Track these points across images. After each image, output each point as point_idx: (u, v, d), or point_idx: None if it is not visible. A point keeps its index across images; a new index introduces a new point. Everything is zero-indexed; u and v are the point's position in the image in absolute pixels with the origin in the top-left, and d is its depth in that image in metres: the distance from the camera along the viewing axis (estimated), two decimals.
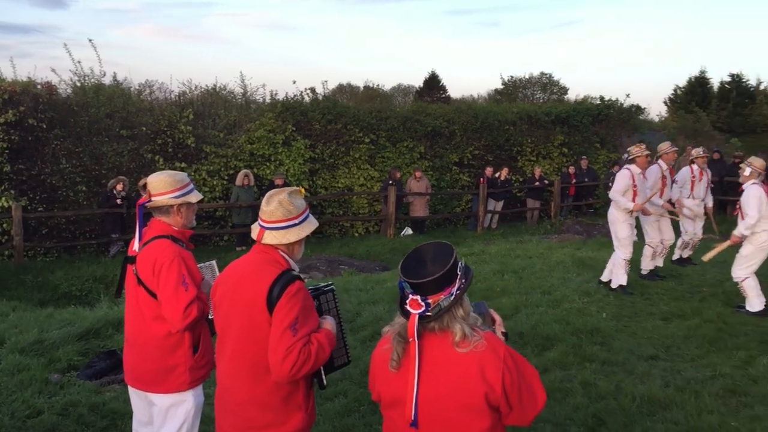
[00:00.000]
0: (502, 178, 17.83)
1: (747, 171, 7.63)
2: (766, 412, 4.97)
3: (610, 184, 16.72)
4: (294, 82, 21.98)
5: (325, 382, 2.89)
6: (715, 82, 30.25)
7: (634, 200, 8.43)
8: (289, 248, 2.88)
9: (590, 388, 5.41)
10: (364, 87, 49.65)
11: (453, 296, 2.28)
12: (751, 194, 7.54)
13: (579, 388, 5.40)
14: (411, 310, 2.28)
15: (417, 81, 53.79)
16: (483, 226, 17.24)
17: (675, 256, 10.32)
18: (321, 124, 16.47)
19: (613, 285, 8.54)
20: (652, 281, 9.02)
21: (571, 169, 18.97)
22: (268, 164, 15.67)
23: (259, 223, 2.86)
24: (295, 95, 17.26)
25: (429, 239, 16.03)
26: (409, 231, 16.57)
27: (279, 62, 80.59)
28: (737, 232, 7.71)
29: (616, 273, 8.57)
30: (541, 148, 19.85)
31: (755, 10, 76.58)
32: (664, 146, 8.88)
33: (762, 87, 29.52)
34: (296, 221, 2.84)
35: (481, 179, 17.26)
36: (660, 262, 9.48)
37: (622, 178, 8.49)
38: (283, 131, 15.80)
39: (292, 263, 2.85)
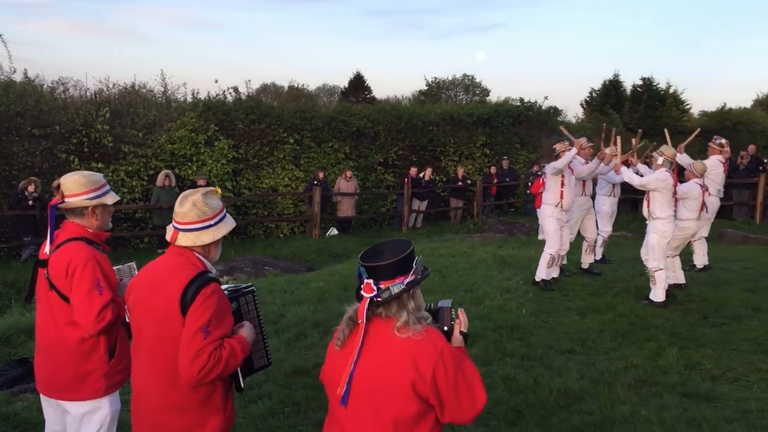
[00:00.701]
0: (426, 178, 18.06)
1: (660, 160, 7.98)
2: (674, 400, 5.22)
3: (530, 183, 17.26)
4: (216, 81, 21.56)
5: (242, 384, 2.86)
6: (628, 85, 31.45)
7: (561, 196, 8.67)
8: (205, 249, 2.84)
9: (510, 382, 5.56)
10: (289, 87, 49.23)
11: (404, 285, 2.37)
12: (657, 175, 7.92)
13: (500, 383, 5.54)
14: (363, 294, 2.39)
15: (342, 81, 53.63)
16: (408, 225, 17.42)
17: (598, 256, 10.64)
18: (244, 123, 16.27)
19: (537, 278, 8.76)
20: (570, 278, 9.31)
21: (493, 169, 19.40)
22: (189, 164, 15.35)
23: (173, 225, 2.82)
24: (217, 94, 17.02)
25: (355, 239, 16.03)
26: (334, 231, 16.56)
27: (201, 61, 78.80)
28: (625, 174, 8.18)
29: (540, 267, 8.80)
30: (463, 149, 20.21)
31: (665, 17, 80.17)
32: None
33: (671, 90, 30.89)
34: (211, 222, 2.81)
35: (406, 179, 17.42)
36: (591, 259, 9.80)
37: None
38: (206, 131, 15.51)
39: (208, 265, 2.82)
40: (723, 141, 9.78)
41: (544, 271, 8.73)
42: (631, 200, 15.76)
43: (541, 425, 4.80)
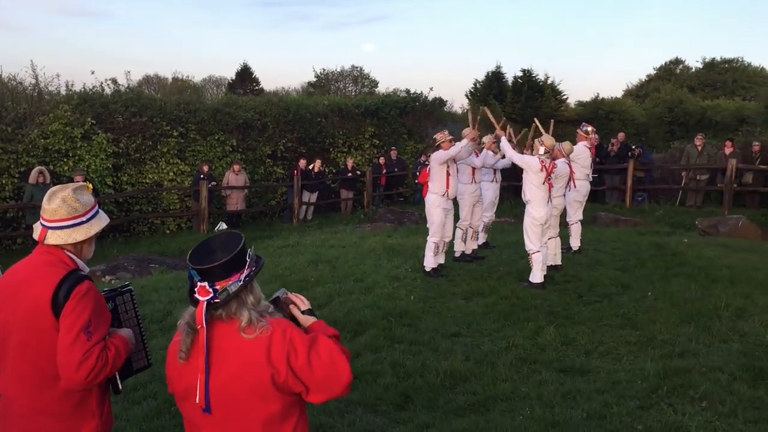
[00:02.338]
0: (316, 169, 18.04)
1: (541, 150, 8.37)
2: (552, 376, 5.51)
3: (417, 173, 17.61)
4: (93, 73, 20.62)
5: (120, 386, 2.78)
6: (509, 76, 32.57)
7: (447, 185, 8.89)
8: (77, 248, 2.70)
9: (399, 368, 5.68)
10: (173, 78, 47.75)
11: (242, 281, 2.30)
12: (527, 156, 8.35)
13: (389, 369, 5.65)
14: (199, 297, 2.27)
15: (229, 73, 52.59)
16: (298, 218, 17.34)
17: (480, 241, 10.99)
18: (124, 117, 15.62)
19: (427, 268, 8.96)
20: (456, 263, 9.59)
21: (382, 160, 19.65)
22: (65, 160, 14.58)
23: (41, 223, 2.66)
24: (94, 86, 16.26)
25: (245, 233, 15.92)
26: (223, 225, 16.25)
27: (76, 51, 74.75)
28: (503, 144, 8.69)
29: (426, 256, 8.99)
30: (352, 140, 20.33)
31: (542, 11, 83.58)
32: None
33: (549, 82, 32.27)
34: (83, 219, 2.67)
35: (295, 171, 17.33)
36: (475, 245, 10.09)
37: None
38: (82, 125, 14.78)
39: (80, 263, 2.68)
40: (589, 128, 10.32)
41: (431, 260, 8.94)
42: (513, 187, 16.38)
43: (428, 407, 4.95)
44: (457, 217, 9.64)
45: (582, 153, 9.92)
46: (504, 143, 8.66)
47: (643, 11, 77.50)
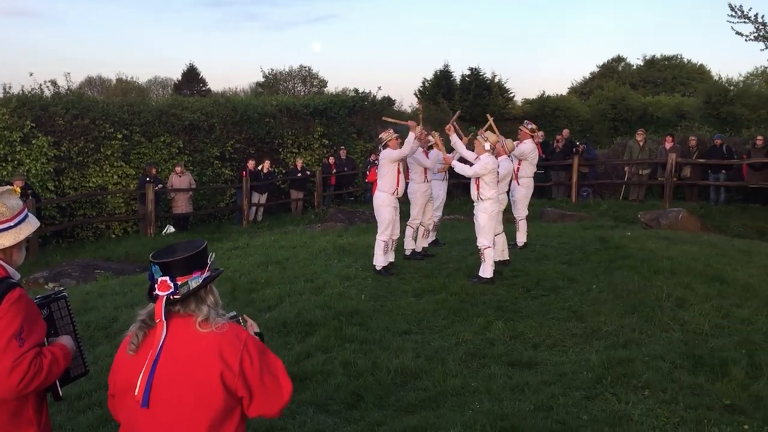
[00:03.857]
0: (265, 170, 17.91)
1: (486, 146, 8.47)
2: (500, 370, 5.59)
3: (367, 172, 17.66)
4: (31, 74, 19.97)
5: (60, 393, 2.72)
6: (457, 75, 32.92)
7: (398, 184, 8.93)
8: (6, 254, 2.63)
9: (350, 367, 5.68)
10: (117, 80, 46.82)
11: (202, 279, 2.35)
12: (484, 161, 8.40)
13: (340, 369, 5.65)
14: (159, 293, 2.32)
15: (175, 73, 51.74)
16: (248, 219, 17.18)
17: (430, 239, 11.06)
18: (65, 119, 15.22)
19: (377, 267, 8.98)
20: (407, 261, 9.64)
21: (331, 160, 19.62)
22: (4, 165, 14.13)
23: None
24: (33, 89, 15.79)
25: (193, 236, 15.56)
26: (171, 229, 15.98)
27: (14, 52, 72.54)
28: (458, 168, 8.65)
29: (376, 255, 9.01)
30: (302, 140, 20.25)
31: (490, 10, 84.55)
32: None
33: (497, 80, 32.71)
34: (11, 223, 2.61)
35: (244, 172, 17.16)
36: (425, 243, 10.15)
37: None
38: (21, 128, 14.35)
39: (10, 270, 2.61)
40: (533, 126, 10.50)
41: (381, 259, 8.97)
42: (463, 185, 16.55)
43: (379, 405, 4.97)
44: (406, 216, 9.69)
45: (532, 151, 10.09)
46: (460, 167, 8.64)
47: (586, 10, 79.22)
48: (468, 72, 32.42)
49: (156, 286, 2.33)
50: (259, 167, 17.83)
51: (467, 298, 7.70)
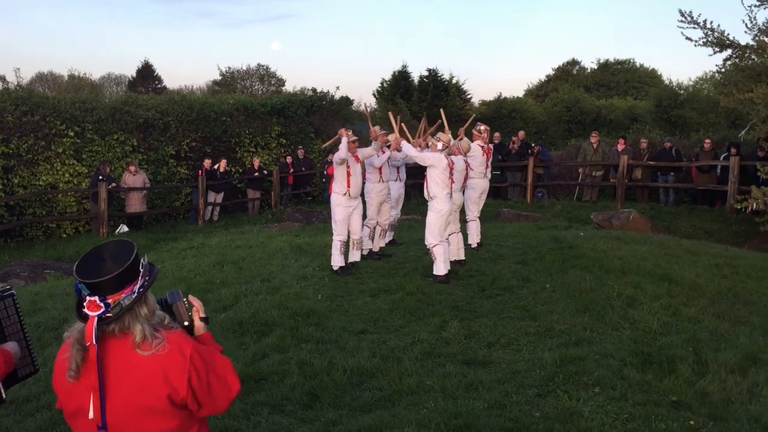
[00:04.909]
0: (222, 169, 17.73)
1: (439, 145, 8.54)
2: (455, 368, 5.65)
3: (326, 171, 17.60)
4: None
5: (4, 395, 2.66)
6: (415, 76, 33.06)
7: (348, 184, 8.93)
8: None
9: (306, 367, 5.67)
10: (69, 76, 45.72)
11: (135, 294, 2.21)
12: (434, 153, 8.51)
13: (296, 369, 5.64)
14: (89, 313, 2.15)
15: (130, 71, 50.73)
16: (204, 219, 16.99)
17: (387, 239, 11.09)
18: (14, 116, 14.81)
19: (334, 267, 8.97)
20: (364, 261, 9.64)
21: (289, 159, 19.52)
22: None
23: None
24: None
25: (147, 236, 15.33)
26: (124, 228, 15.71)
27: None
28: (404, 146, 8.73)
29: (333, 255, 9.00)
30: (259, 139, 20.10)
31: (448, 12, 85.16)
32: (376, 128, 9.39)
33: (454, 81, 32.96)
34: None
35: (200, 171, 16.97)
36: (382, 243, 10.18)
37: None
38: None
39: None
40: (482, 127, 10.59)
41: (338, 259, 8.97)
42: (419, 185, 16.63)
43: (335, 405, 4.97)
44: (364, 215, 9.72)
45: (475, 151, 10.18)
46: (406, 146, 8.75)
47: (542, 14, 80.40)
48: (426, 73, 32.59)
49: (85, 304, 2.16)
50: (216, 166, 17.65)
51: (423, 298, 7.75)
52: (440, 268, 8.45)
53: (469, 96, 33.75)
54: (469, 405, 4.80)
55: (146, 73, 43.58)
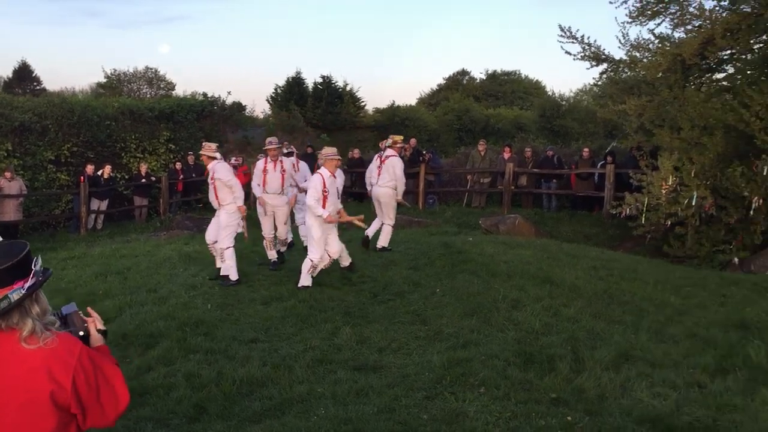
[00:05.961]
0: (106, 176, 16.99)
1: (322, 160, 8.60)
2: (346, 374, 5.68)
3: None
4: None
5: None
6: (309, 82, 32.96)
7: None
8: None
9: (193, 378, 5.54)
10: None
11: (25, 290, 2.16)
12: (314, 179, 8.60)
13: (183, 381, 5.50)
14: None
15: (5, 71, 47.82)
16: (87, 227, 16.20)
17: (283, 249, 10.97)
18: None
19: (228, 275, 8.79)
20: (256, 269, 9.53)
21: (179, 165, 18.98)
22: None
23: None
24: None
25: None
26: None
27: None
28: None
29: (225, 264, 8.79)
30: (146, 144, 19.43)
31: (341, 17, 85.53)
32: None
33: (348, 88, 33.13)
34: None
35: (82, 178, 16.18)
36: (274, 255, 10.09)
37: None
38: None
39: None
40: (397, 137, 10.74)
41: (231, 268, 8.81)
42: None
43: (223, 416, 4.89)
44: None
45: (397, 164, 10.34)
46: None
47: (434, 24, 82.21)
48: (320, 79, 32.57)
49: None
50: (99, 172, 16.88)
51: (316, 305, 7.75)
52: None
53: (363, 103, 34.00)
54: (359, 410, 4.84)
55: (24, 73, 41.16)
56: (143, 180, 17.90)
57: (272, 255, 9.82)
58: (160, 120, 19.77)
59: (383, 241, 10.63)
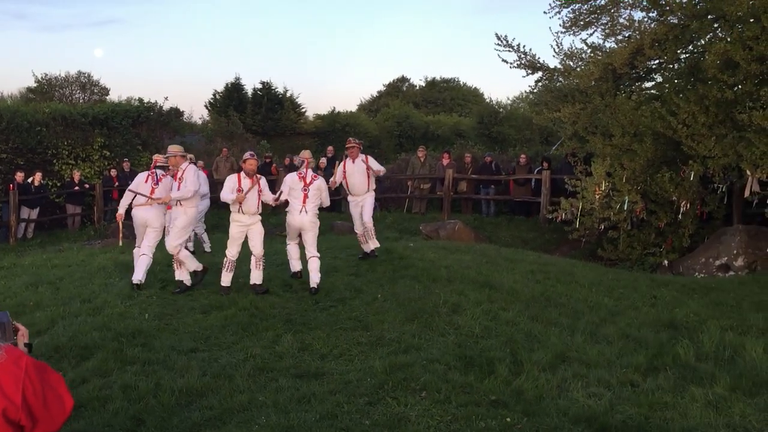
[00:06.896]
0: (36, 183, 16.46)
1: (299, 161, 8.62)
2: (288, 382, 5.64)
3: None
4: None
5: None
6: (249, 88, 32.64)
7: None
8: None
9: (130, 390, 5.42)
10: None
11: None
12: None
13: (119, 393, 5.36)
14: None
15: None
16: (16, 236, 15.65)
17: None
18: None
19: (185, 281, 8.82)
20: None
21: (114, 172, 18.51)
22: None
23: None
24: None
25: None
26: None
27: None
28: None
29: (138, 269, 8.88)
30: (79, 151, 18.90)
31: (279, 23, 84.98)
32: (174, 149, 9.17)
33: (288, 94, 32.95)
34: None
35: (12, 185, 15.64)
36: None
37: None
38: None
39: None
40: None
41: (185, 274, 8.72)
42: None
43: (162, 428, 4.79)
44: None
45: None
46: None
47: (373, 31, 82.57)
48: (260, 85, 32.29)
49: None
50: (30, 179, 16.34)
51: (257, 313, 7.68)
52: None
53: (303, 109, 33.85)
54: (301, 418, 4.82)
55: None
56: (76, 187, 17.40)
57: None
58: (94, 126, 19.26)
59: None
